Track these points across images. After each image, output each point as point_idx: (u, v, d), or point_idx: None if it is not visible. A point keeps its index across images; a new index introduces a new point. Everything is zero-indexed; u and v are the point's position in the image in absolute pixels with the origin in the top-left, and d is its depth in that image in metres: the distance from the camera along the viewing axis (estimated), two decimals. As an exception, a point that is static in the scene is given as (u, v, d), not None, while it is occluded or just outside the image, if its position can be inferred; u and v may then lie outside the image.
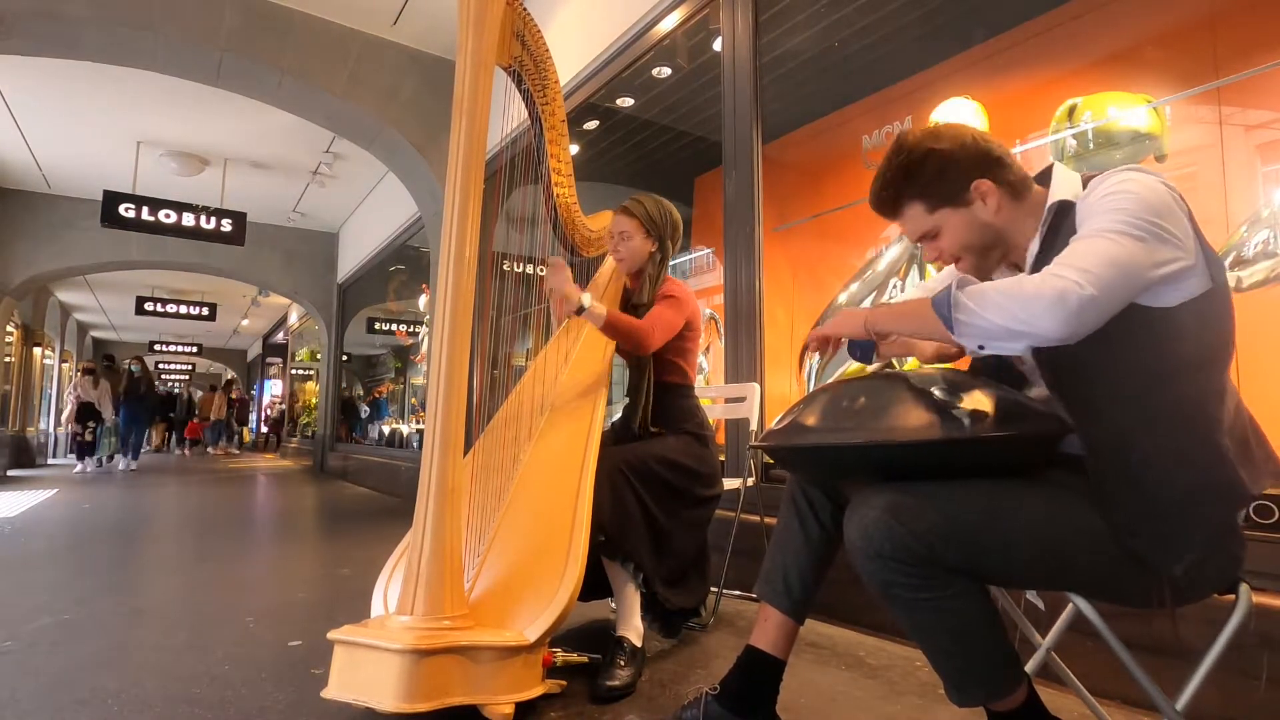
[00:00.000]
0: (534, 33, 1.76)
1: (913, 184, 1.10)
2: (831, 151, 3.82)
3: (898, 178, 1.11)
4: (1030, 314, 0.89)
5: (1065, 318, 0.87)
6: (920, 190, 1.10)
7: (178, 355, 18.30)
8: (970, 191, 1.08)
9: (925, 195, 1.10)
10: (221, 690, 1.60)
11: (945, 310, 0.94)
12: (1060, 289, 0.87)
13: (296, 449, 12.25)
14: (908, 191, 1.11)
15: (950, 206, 1.09)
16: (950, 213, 1.09)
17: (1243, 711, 1.35)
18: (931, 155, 1.08)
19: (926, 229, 1.12)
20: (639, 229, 1.98)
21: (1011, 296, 0.91)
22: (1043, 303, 0.88)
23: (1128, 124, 2.52)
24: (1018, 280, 0.92)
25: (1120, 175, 0.97)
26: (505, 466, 1.81)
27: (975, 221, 1.09)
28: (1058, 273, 0.89)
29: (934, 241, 1.13)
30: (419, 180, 5.56)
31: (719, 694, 1.26)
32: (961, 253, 1.11)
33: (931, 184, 1.09)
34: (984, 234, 1.09)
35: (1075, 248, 0.92)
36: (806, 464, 1.16)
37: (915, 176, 1.10)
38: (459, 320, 1.51)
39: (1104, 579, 0.97)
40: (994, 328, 0.92)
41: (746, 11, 2.88)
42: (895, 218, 1.15)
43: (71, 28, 4.15)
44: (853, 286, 3.54)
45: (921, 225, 1.12)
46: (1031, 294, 0.89)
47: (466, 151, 1.55)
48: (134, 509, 5.08)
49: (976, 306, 0.92)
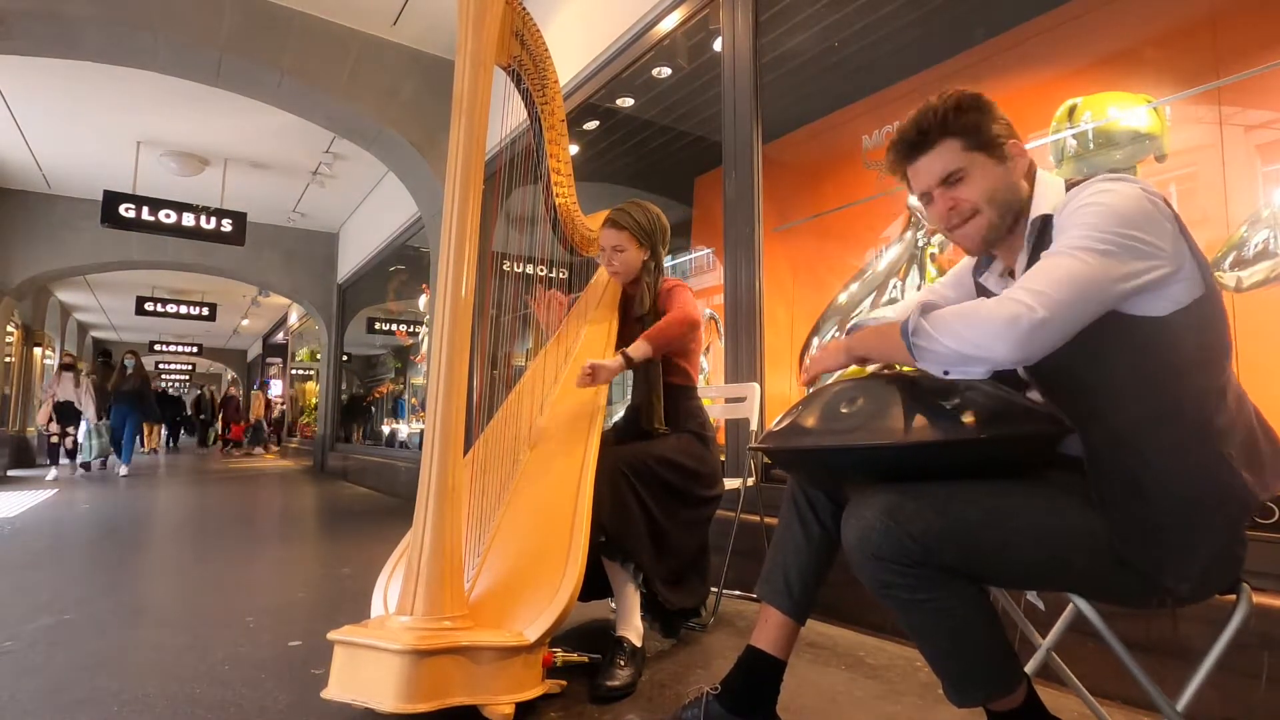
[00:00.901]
0: (533, 32, 1.76)
1: (959, 119, 1.07)
2: (831, 151, 3.82)
3: (945, 111, 1.07)
4: (982, 339, 0.90)
5: (1016, 342, 0.89)
6: (964, 127, 1.06)
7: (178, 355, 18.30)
8: (1008, 147, 1.07)
9: (967, 133, 1.06)
10: (221, 690, 1.59)
11: (909, 339, 0.96)
12: (1011, 314, 0.89)
13: (297, 449, 12.25)
14: (951, 125, 1.07)
15: (985, 153, 1.07)
16: (984, 158, 1.07)
17: (1243, 711, 1.35)
18: (983, 100, 1.08)
19: (954, 168, 1.07)
20: (631, 240, 1.98)
21: (966, 322, 0.92)
22: (994, 327, 0.90)
23: (1128, 124, 2.52)
24: (975, 305, 0.94)
25: (1094, 186, 0.96)
26: (505, 466, 1.81)
27: (1005, 177, 1.07)
28: (1013, 295, 0.91)
29: (954, 188, 1.08)
30: (419, 180, 5.56)
31: (719, 694, 1.26)
32: (982, 203, 1.07)
33: (977, 124, 1.06)
34: (1008, 193, 1.07)
35: (1036, 268, 0.93)
36: (806, 466, 1.16)
37: (964, 112, 1.07)
38: (459, 320, 1.51)
39: (1103, 580, 0.97)
40: (950, 353, 0.93)
41: (746, 11, 2.88)
42: (923, 154, 1.10)
43: (71, 28, 4.15)
44: (853, 286, 3.54)
45: (950, 163, 1.07)
46: (984, 318, 0.91)
47: (466, 151, 1.55)
48: (134, 509, 5.08)
49: (934, 332, 0.94)
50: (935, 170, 1.09)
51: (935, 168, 1.09)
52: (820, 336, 3.59)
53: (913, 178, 1.14)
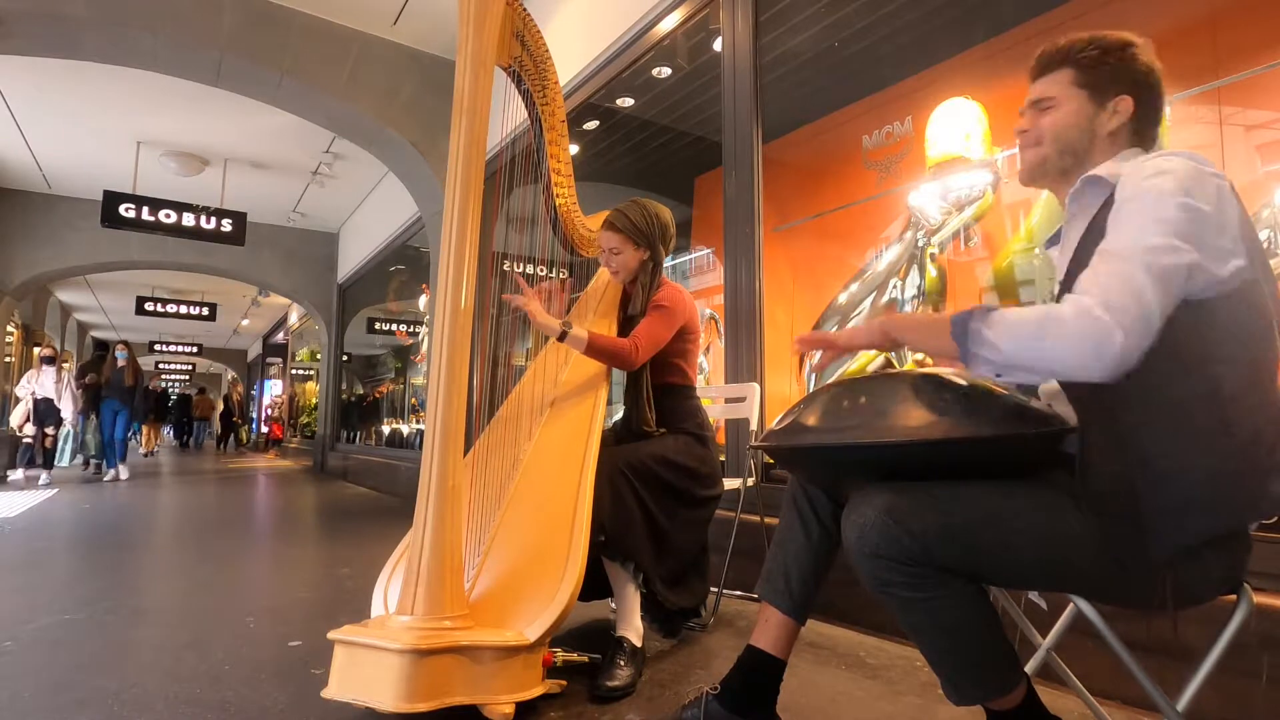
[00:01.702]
0: (534, 33, 1.76)
1: (1087, 52, 1.05)
2: (831, 151, 3.82)
3: (1084, 41, 1.06)
4: (1065, 360, 0.84)
5: (1104, 370, 0.83)
6: (1086, 62, 1.05)
7: (178, 355, 18.31)
8: (1113, 99, 1.04)
9: (1084, 69, 1.05)
10: (222, 690, 1.60)
11: (962, 340, 0.90)
12: (1096, 337, 0.82)
13: (297, 449, 12.25)
14: (1077, 55, 1.05)
15: (1089, 93, 1.04)
16: (1083, 98, 1.05)
17: (1243, 711, 1.35)
18: (1126, 48, 1.05)
19: (1051, 94, 1.06)
20: (627, 242, 1.96)
21: (1040, 336, 0.85)
22: (1079, 348, 0.83)
23: (1128, 124, 2.52)
24: (1046, 318, 0.85)
25: (1153, 165, 0.92)
26: (505, 466, 1.81)
27: (1088, 122, 1.04)
28: (1092, 310, 0.83)
29: (1039, 113, 1.07)
30: (419, 180, 5.56)
31: (719, 694, 1.26)
32: (1049, 139, 1.06)
33: (1099, 64, 1.04)
34: (1081, 139, 1.05)
35: (1110, 273, 0.86)
36: (807, 464, 1.16)
37: (1096, 48, 1.05)
38: (459, 320, 1.51)
39: (1103, 580, 0.97)
40: (1017, 365, 0.87)
41: (746, 11, 2.88)
42: (1043, 73, 1.09)
43: (71, 28, 4.15)
44: (853, 286, 3.54)
45: (1051, 89, 1.06)
46: (1065, 336, 0.84)
47: (466, 151, 1.55)
48: (134, 509, 5.08)
49: (997, 341, 0.88)
50: (1038, 93, 1.09)
51: (1039, 90, 1.09)
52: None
53: (1029, 87, 1.13)
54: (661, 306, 1.90)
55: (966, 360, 0.91)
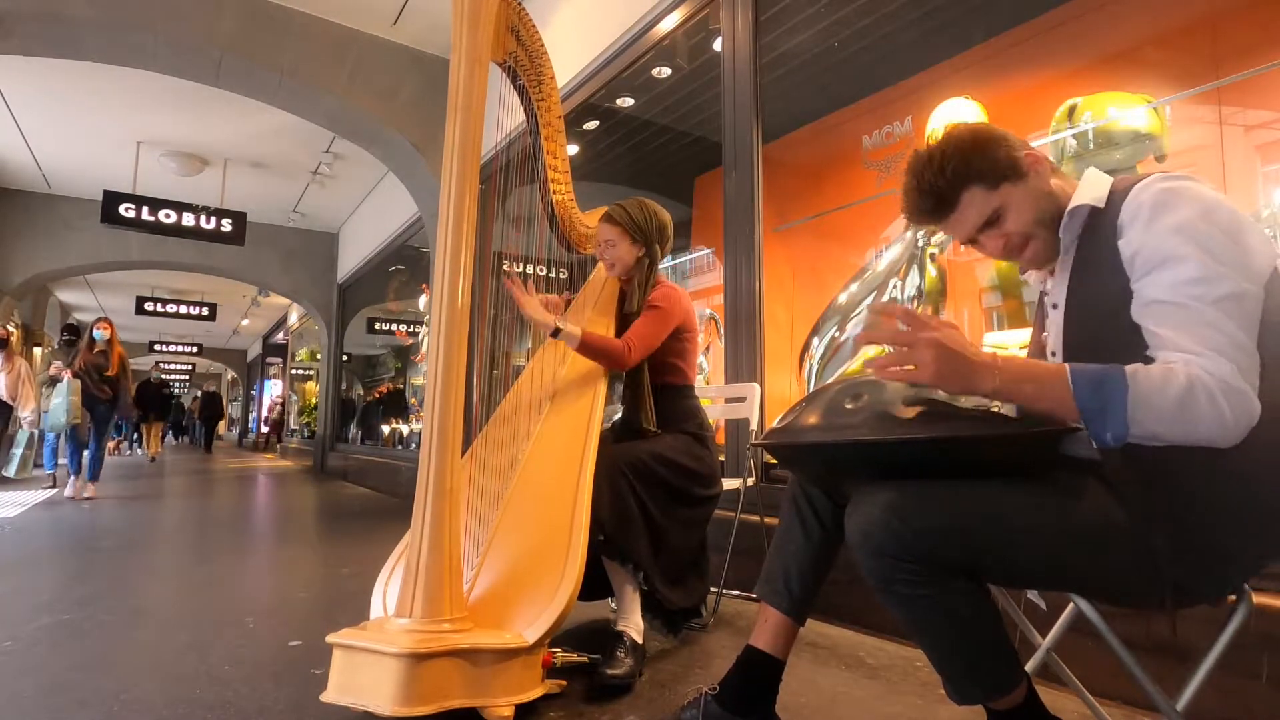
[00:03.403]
0: (529, 28, 1.75)
1: (968, 166, 1.03)
2: (831, 151, 3.82)
3: (950, 165, 1.04)
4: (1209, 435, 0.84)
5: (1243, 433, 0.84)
6: (977, 171, 1.03)
7: (178, 355, 18.32)
8: (1024, 160, 1.04)
9: (983, 175, 1.03)
10: (221, 690, 1.59)
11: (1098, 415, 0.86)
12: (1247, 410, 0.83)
13: (297, 449, 12.25)
14: (964, 177, 1.04)
15: (1010, 181, 1.03)
16: (1012, 187, 1.04)
17: (1243, 711, 1.35)
18: (978, 133, 1.04)
19: (990, 211, 1.04)
20: (623, 236, 1.97)
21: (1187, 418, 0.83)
22: (1224, 424, 0.83)
23: (1128, 124, 2.52)
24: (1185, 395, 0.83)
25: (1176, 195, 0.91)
26: (504, 466, 1.81)
27: (1039, 191, 1.04)
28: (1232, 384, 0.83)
29: (997, 227, 1.05)
30: (419, 180, 5.56)
31: (718, 694, 1.26)
32: (1033, 229, 1.04)
33: (986, 161, 1.03)
34: (1049, 204, 1.04)
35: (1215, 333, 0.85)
36: (808, 462, 1.16)
37: (969, 158, 1.03)
38: (456, 319, 1.50)
39: (1105, 580, 0.96)
40: (1152, 439, 0.86)
41: (746, 11, 2.88)
42: (950, 213, 1.06)
43: (71, 28, 4.15)
44: (853, 286, 3.54)
45: (985, 208, 1.04)
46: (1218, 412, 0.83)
47: (462, 147, 1.54)
48: (134, 509, 5.08)
49: (1142, 421, 0.85)
50: (971, 222, 1.06)
51: (969, 220, 1.06)
52: (820, 336, 3.59)
53: (949, 232, 1.11)
54: (656, 306, 1.91)
55: (1094, 431, 0.87)
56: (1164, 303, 0.89)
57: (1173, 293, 0.88)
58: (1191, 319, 0.86)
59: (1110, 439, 0.87)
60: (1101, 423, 0.86)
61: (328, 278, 9.63)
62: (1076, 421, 0.89)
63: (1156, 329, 0.89)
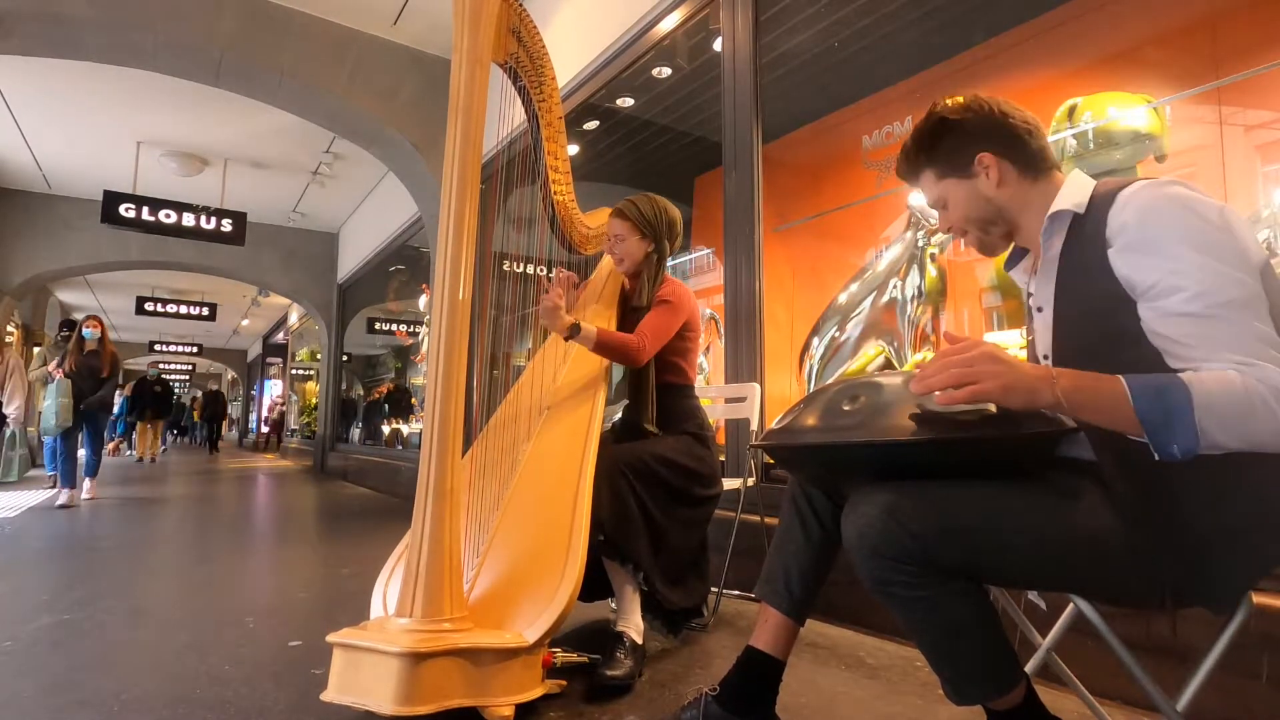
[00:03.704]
0: (530, 29, 1.75)
1: (924, 151, 1.12)
2: (831, 151, 3.82)
3: (914, 144, 1.13)
4: (1265, 441, 0.83)
5: None
6: (930, 158, 1.12)
7: (178, 355, 18.32)
8: (975, 164, 1.08)
9: (934, 163, 1.12)
10: (221, 690, 1.59)
11: (1163, 428, 0.83)
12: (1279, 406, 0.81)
13: (297, 449, 12.26)
14: (922, 159, 1.13)
15: (955, 177, 1.10)
16: (955, 183, 1.10)
17: (1243, 711, 1.35)
18: (943, 124, 1.10)
19: (935, 197, 1.14)
20: (633, 230, 1.98)
21: (1248, 426, 0.82)
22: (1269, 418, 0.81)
23: (1128, 124, 2.52)
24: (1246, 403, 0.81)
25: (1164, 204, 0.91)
26: (504, 466, 1.81)
27: (978, 195, 1.09)
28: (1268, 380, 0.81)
29: (945, 212, 1.14)
30: (419, 180, 5.56)
31: (718, 694, 1.26)
32: (965, 225, 1.12)
33: (939, 153, 1.11)
34: (985, 208, 1.09)
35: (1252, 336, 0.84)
36: (807, 463, 1.16)
37: (926, 144, 1.12)
38: (457, 319, 1.50)
39: (1104, 581, 0.97)
40: (1214, 446, 0.84)
41: (746, 11, 2.88)
42: (913, 180, 1.17)
43: (72, 28, 4.15)
44: (853, 286, 3.54)
45: (931, 193, 1.14)
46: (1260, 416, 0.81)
47: (463, 148, 1.55)
48: (133, 509, 5.08)
49: (1211, 431, 0.82)
50: (928, 198, 1.17)
51: (926, 197, 1.17)
52: (820, 336, 3.59)
53: None
54: (667, 301, 1.92)
55: (1158, 443, 0.83)
56: (1188, 316, 0.86)
57: (1194, 305, 0.86)
58: (1220, 329, 0.85)
59: (1178, 451, 0.82)
60: (1167, 434, 0.82)
61: (328, 278, 9.63)
62: (1138, 433, 0.85)
63: (1187, 340, 0.87)
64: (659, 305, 1.92)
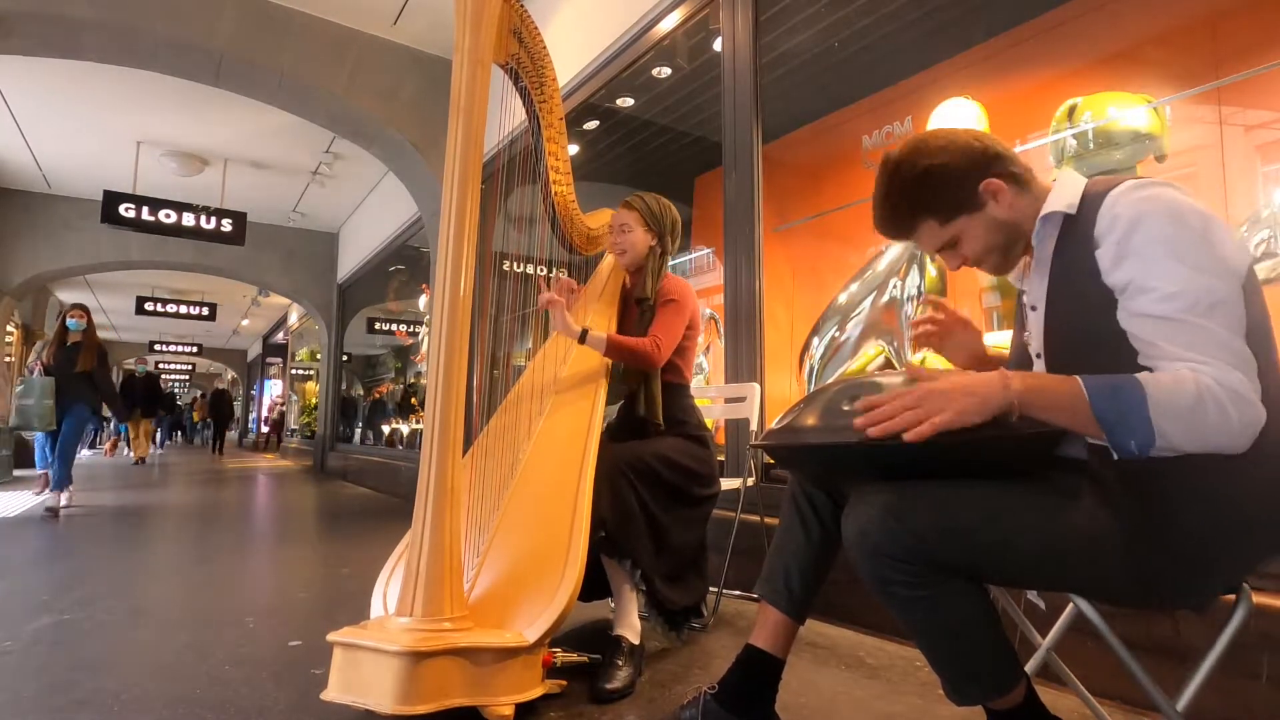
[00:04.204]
0: (531, 31, 1.75)
1: (918, 203, 1.07)
2: (831, 151, 3.82)
3: (900, 200, 1.08)
4: (1218, 443, 0.84)
5: (1243, 432, 0.84)
6: (927, 207, 1.07)
7: (178, 355, 18.32)
8: (981, 193, 1.05)
9: (934, 210, 1.07)
10: (221, 690, 1.59)
11: (1119, 426, 0.86)
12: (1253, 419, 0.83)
13: (297, 449, 12.26)
14: (915, 211, 1.08)
15: (965, 214, 1.06)
16: (966, 220, 1.06)
17: (1243, 711, 1.35)
18: (930, 172, 1.05)
19: (944, 240, 1.09)
20: (639, 221, 2.02)
21: (1200, 425, 0.83)
22: (1233, 432, 0.83)
23: (1128, 124, 2.52)
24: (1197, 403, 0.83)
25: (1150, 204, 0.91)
26: (504, 466, 1.81)
27: (993, 222, 1.06)
28: (1242, 393, 0.83)
29: (954, 250, 1.10)
30: (419, 180, 5.56)
31: (717, 692, 1.26)
32: (985, 255, 1.09)
33: (938, 198, 1.06)
34: (1004, 232, 1.06)
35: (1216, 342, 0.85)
36: (807, 463, 1.16)
37: (918, 196, 1.07)
38: (457, 319, 1.51)
39: (1104, 581, 0.96)
40: (1172, 449, 0.86)
41: (746, 11, 2.88)
42: (909, 238, 1.12)
43: (72, 28, 4.15)
44: (852, 286, 3.54)
45: (939, 238, 1.09)
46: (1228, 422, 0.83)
47: (464, 149, 1.55)
48: (133, 509, 5.08)
49: (1163, 429, 0.85)
50: (927, 246, 1.12)
51: (925, 244, 1.12)
52: (820, 336, 3.59)
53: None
54: (673, 300, 1.94)
55: (1116, 442, 0.87)
56: (1155, 318, 0.88)
57: (1161, 307, 0.88)
58: (1183, 332, 0.86)
59: (1135, 447, 0.86)
60: (1124, 431, 0.86)
61: (328, 278, 9.63)
62: (1097, 433, 0.88)
63: (1152, 340, 0.89)
64: (666, 304, 1.93)
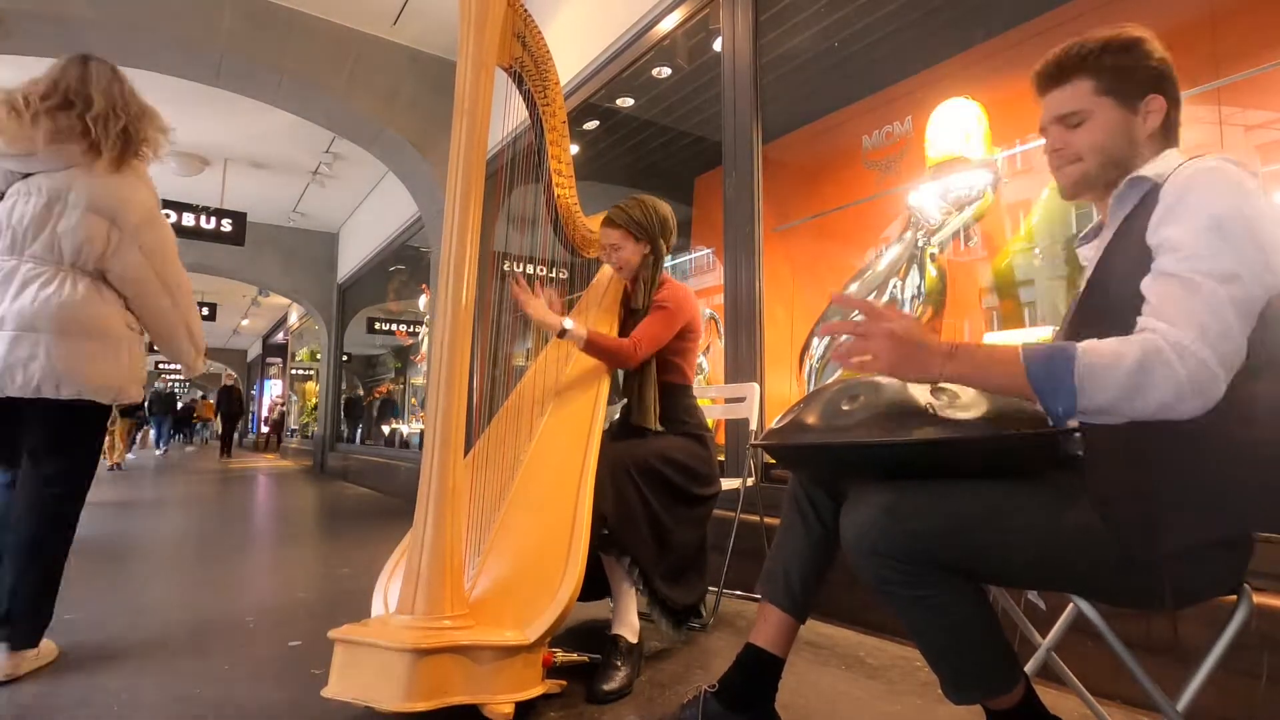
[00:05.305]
0: (534, 34, 1.76)
1: (1102, 59, 1.01)
2: (831, 151, 3.82)
3: (1093, 47, 1.02)
4: (1165, 403, 0.83)
5: (1205, 405, 0.84)
6: (1099, 69, 1.01)
7: (178, 355, 18.27)
8: (1142, 101, 1.01)
9: (1101, 75, 1.01)
10: (221, 690, 1.60)
11: (1049, 392, 0.87)
12: (1204, 383, 0.82)
13: (297, 449, 12.25)
14: (1092, 63, 1.01)
15: (1116, 100, 1.01)
16: (1111, 106, 1.01)
17: (1243, 711, 1.35)
18: (1136, 46, 1.01)
19: (1075, 108, 1.03)
20: (626, 237, 1.98)
21: (1141, 386, 0.83)
22: (1182, 393, 0.82)
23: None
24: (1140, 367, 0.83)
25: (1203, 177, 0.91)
26: (506, 466, 1.81)
27: (1126, 130, 1.01)
28: (1197, 355, 0.82)
29: (1070, 130, 1.04)
30: (419, 180, 5.57)
31: (718, 691, 1.26)
32: (1088, 152, 1.03)
33: (1117, 70, 1.01)
34: (1124, 148, 1.02)
35: (1199, 308, 0.84)
36: (807, 463, 1.16)
37: (1103, 54, 1.01)
38: (459, 320, 1.51)
39: (1103, 580, 0.96)
40: (1105, 412, 0.86)
41: (746, 11, 2.88)
42: (1054, 86, 1.05)
43: (72, 28, 4.15)
44: (853, 286, 3.54)
45: (1073, 103, 1.03)
46: (1174, 383, 0.82)
47: (467, 152, 1.55)
48: (132, 508, 5.08)
49: (1092, 394, 0.85)
50: (1058, 108, 1.05)
51: (1059, 105, 1.05)
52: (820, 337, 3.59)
53: (1042, 108, 1.08)
54: (664, 306, 1.92)
55: (1046, 406, 0.88)
56: (1167, 274, 0.88)
57: (1179, 265, 0.87)
58: (1191, 295, 0.85)
59: (1060, 412, 0.88)
60: (1052, 397, 0.87)
61: (328, 278, 9.63)
62: (1032, 397, 0.89)
63: (1152, 296, 0.89)
64: (656, 309, 1.93)
